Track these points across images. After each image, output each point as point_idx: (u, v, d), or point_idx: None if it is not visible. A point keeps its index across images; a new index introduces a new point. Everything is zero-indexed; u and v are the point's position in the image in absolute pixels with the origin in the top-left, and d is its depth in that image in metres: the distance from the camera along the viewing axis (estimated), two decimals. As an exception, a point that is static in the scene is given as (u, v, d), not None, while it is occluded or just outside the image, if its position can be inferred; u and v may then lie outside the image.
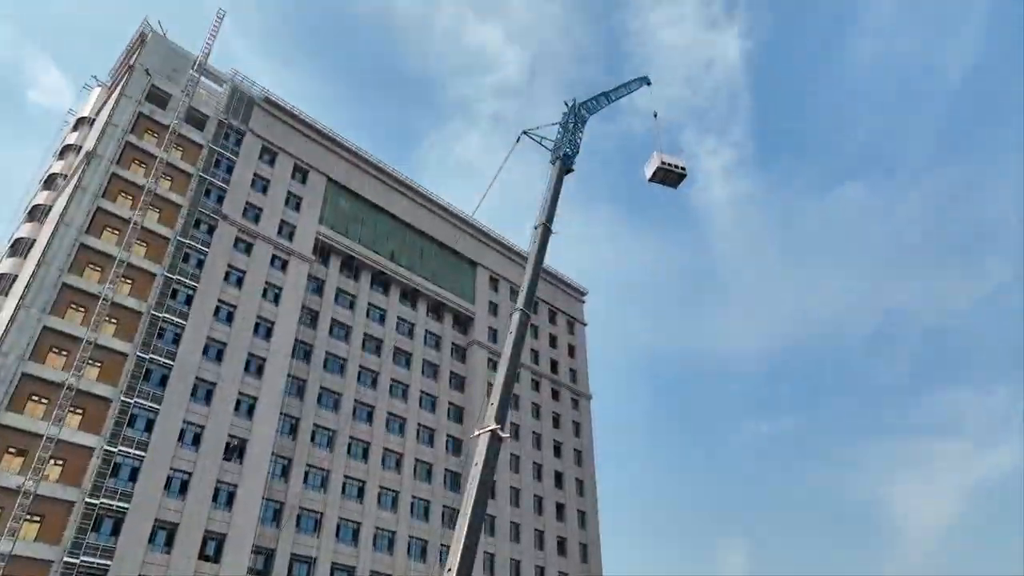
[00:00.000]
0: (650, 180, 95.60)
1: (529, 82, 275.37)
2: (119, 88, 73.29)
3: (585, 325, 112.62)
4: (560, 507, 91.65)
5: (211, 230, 71.71)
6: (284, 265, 76.32)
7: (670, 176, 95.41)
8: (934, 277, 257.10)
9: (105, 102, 77.26)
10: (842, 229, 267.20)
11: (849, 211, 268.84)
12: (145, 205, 66.72)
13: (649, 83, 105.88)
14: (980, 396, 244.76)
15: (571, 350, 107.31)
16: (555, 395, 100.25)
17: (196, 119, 76.48)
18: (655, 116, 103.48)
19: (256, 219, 76.18)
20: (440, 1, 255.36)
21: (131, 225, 65.14)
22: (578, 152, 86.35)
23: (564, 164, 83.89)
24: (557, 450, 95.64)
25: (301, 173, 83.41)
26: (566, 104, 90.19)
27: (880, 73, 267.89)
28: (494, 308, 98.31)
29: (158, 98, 74.15)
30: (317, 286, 79.65)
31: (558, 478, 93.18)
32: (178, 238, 68.13)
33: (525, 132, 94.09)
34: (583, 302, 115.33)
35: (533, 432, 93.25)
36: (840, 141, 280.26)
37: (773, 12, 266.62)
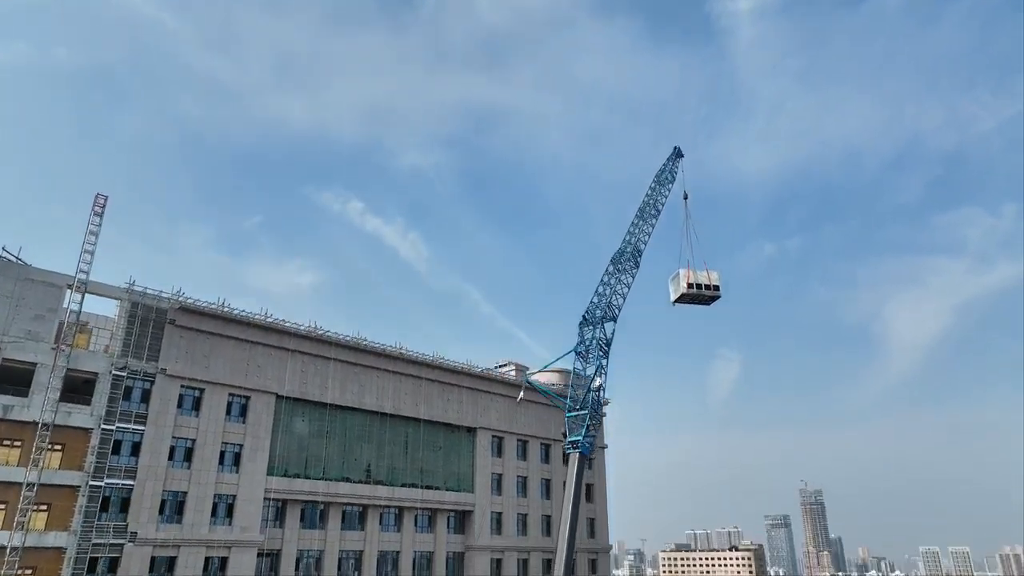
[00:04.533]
0: (675, 303, 74.46)
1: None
2: (-42, 367, 51.17)
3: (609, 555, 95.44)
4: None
5: (114, 566, 53.00)
6: (223, 565, 58.29)
7: (701, 298, 74.17)
8: (962, 98, 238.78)
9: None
10: (872, 47, 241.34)
11: (882, 28, 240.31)
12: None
13: (682, 155, 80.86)
14: (988, 216, 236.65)
15: None
16: None
17: (80, 384, 54.83)
18: (685, 198, 79.42)
19: (178, 512, 57.02)
20: None
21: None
22: (601, 416, 65.58)
23: (585, 454, 63.95)
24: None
25: (240, 403, 62.69)
26: (584, 318, 67.74)
27: None
28: (497, 483, 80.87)
29: (17, 375, 52.10)
30: (271, 563, 62.13)
31: None
32: (65, 609, 49.88)
33: (529, 383, 72.75)
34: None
35: (545, 632, 79.96)
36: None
37: None
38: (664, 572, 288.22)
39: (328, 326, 76.22)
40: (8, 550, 47.89)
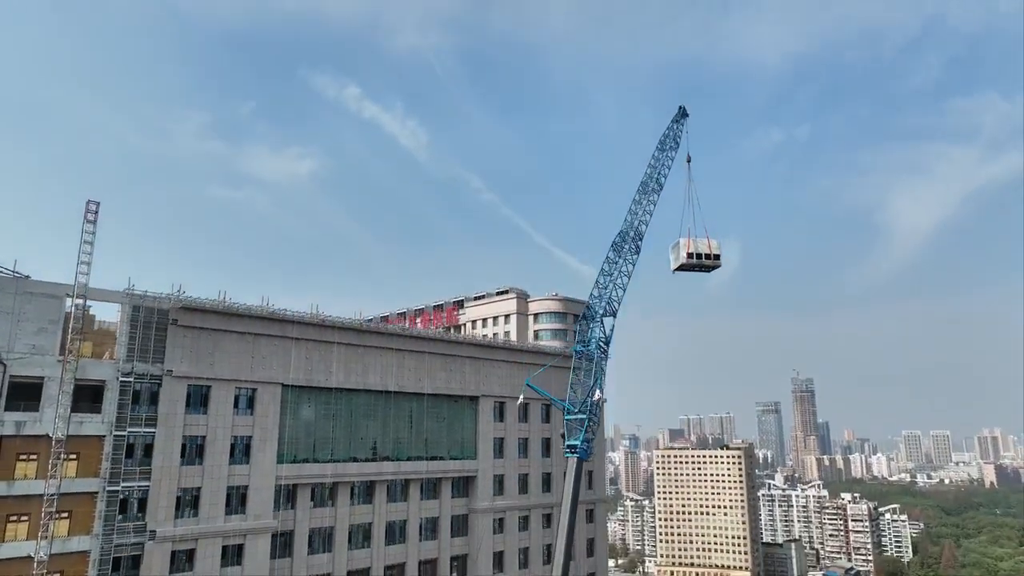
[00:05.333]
0: (675, 271, 74.75)
1: None
2: (-34, 384, 51.73)
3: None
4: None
5: (136, 563, 55.94)
6: (239, 551, 61.43)
7: (701, 266, 74.65)
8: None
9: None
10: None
11: None
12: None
13: (687, 114, 78.73)
14: (1004, 102, 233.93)
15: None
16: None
17: (89, 392, 55.60)
18: (688, 161, 77.74)
19: (194, 506, 59.45)
20: None
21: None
22: (600, 420, 66.58)
23: (583, 459, 65.48)
24: None
25: (247, 396, 63.84)
26: (584, 315, 67.37)
27: None
28: (499, 446, 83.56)
29: (26, 390, 52.79)
30: (285, 542, 65.41)
31: None
32: (94, 611, 53.09)
33: (529, 384, 72.78)
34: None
35: None
36: None
37: None
38: (658, 469, 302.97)
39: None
40: (36, 562, 50.33)
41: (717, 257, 72.68)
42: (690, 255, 71.45)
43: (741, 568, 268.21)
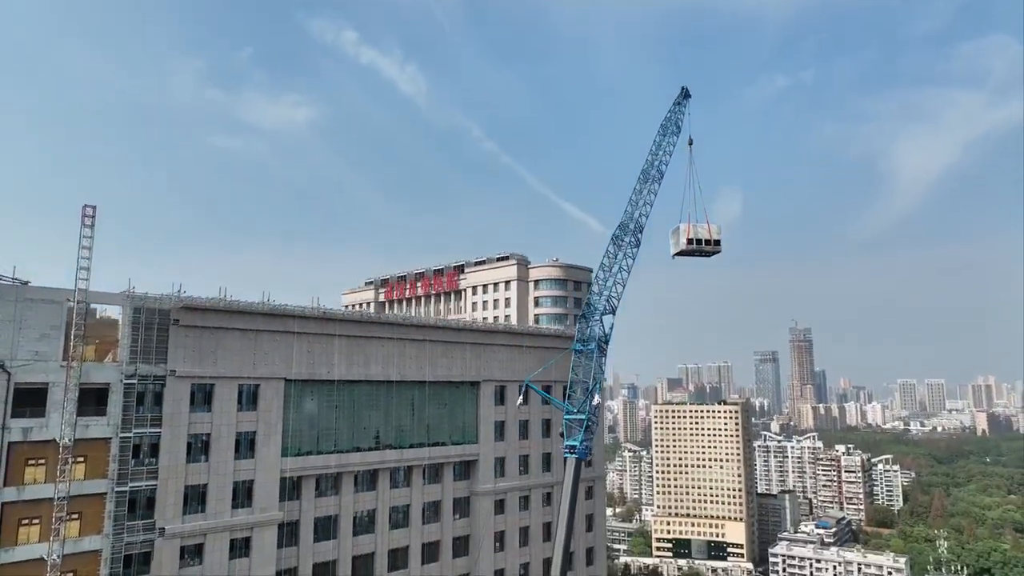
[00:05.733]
0: (675, 256, 74.72)
1: None
2: (-29, 392, 52.11)
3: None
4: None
5: (147, 559, 57.39)
6: (247, 544, 62.91)
7: (701, 252, 74.70)
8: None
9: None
10: None
11: None
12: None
13: (689, 95, 77.33)
14: (1016, 44, 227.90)
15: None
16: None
17: (93, 395, 56.06)
18: (690, 144, 76.67)
19: (201, 502, 60.62)
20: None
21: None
22: (596, 426, 66.94)
23: (582, 459, 66.17)
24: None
25: (250, 391, 64.37)
26: (583, 315, 66.83)
27: None
28: (499, 430, 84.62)
29: (31, 396, 53.24)
30: (291, 531, 66.91)
31: None
32: (107, 608, 54.68)
33: (529, 385, 72.51)
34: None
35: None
36: None
37: None
38: (656, 423, 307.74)
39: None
40: (49, 564, 51.58)
41: (717, 243, 72.69)
42: (690, 241, 71.42)
43: (736, 518, 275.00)
